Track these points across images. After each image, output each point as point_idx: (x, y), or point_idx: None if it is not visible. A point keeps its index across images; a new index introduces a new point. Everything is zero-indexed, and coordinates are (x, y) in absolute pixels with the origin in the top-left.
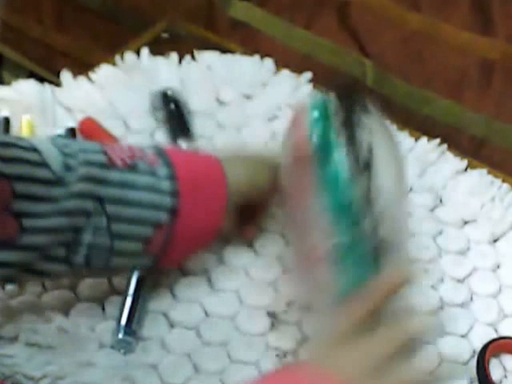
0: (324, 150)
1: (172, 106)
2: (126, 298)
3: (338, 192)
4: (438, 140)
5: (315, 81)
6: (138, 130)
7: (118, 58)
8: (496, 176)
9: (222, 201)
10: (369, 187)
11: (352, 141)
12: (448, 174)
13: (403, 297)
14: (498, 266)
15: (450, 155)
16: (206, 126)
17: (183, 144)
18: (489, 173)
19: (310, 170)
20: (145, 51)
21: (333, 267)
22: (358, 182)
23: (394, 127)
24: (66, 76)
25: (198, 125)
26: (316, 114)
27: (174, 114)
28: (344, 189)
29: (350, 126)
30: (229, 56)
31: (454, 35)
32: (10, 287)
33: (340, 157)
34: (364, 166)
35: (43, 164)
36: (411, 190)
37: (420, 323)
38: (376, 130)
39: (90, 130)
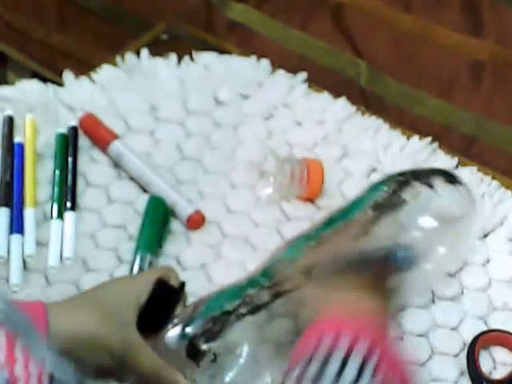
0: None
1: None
2: None
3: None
4: (429, 138)
5: (310, 81)
6: (137, 128)
7: (118, 58)
8: (486, 173)
9: None
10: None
11: None
12: None
13: None
14: (488, 261)
15: (441, 153)
16: (204, 124)
17: None
18: (479, 170)
19: None
20: (144, 52)
21: None
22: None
23: (386, 126)
24: (68, 76)
25: (196, 124)
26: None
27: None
28: None
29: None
30: (226, 57)
31: (445, 36)
32: (14, 281)
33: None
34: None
35: None
36: None
37: None
38: None
39: (90, 125)
